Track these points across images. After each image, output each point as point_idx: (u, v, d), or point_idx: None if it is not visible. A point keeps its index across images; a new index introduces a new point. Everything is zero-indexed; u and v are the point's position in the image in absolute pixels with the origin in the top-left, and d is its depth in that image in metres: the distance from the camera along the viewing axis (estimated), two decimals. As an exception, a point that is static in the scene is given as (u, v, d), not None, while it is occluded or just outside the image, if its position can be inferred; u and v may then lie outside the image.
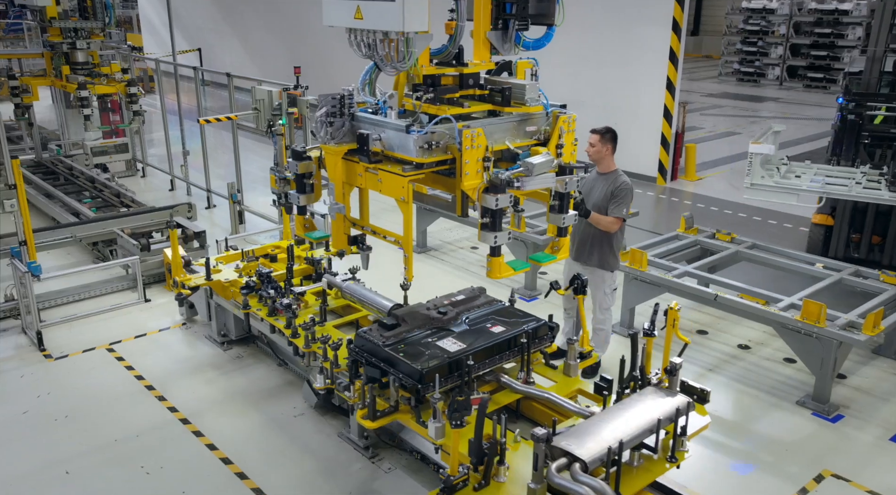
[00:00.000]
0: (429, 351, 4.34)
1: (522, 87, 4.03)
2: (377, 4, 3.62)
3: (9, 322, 6.95)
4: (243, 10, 20.85)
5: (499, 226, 3.79)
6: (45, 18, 9.44)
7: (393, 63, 3.85)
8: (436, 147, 3.76)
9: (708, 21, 29.51)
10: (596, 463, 3.42)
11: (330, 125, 4.02)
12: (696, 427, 3.94)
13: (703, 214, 10.37)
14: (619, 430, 3.59)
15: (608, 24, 11.87)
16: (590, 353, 4.89)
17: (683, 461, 3.81)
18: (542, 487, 3.42)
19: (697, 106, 18.72)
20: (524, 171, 3.81)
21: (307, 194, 4.43)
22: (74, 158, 11.30)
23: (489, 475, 3.64)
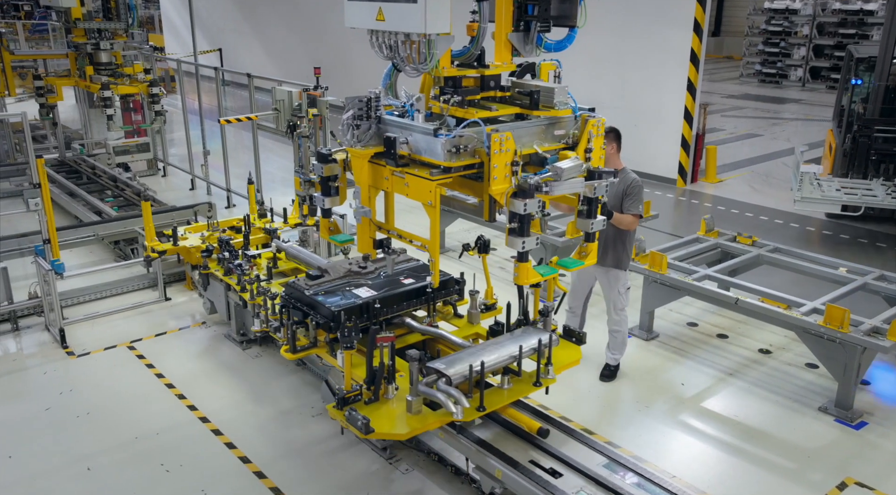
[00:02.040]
0: (344, 296, 4.86)
1: (551, 90, 3.98)
2: (399, 6, 3.61)
3: (32, 319, 7.03)
4: (264, 11, 20.98)
5: (527, 231, 3.77)
6: (70, 19, 9.56)
7: (414, 65, 3.83)
8: (464, 151, 3.73)
9: (729, 22, 29.23)
10: (459, 379, 4.03)
11: (356, 128, 4.00)
12: (564, 362, 4.57)
13: (723, 217, 10.27)
14: (486, 356, 4.17)
15: (628, 26, 11.80)
16: (494, 305, 5.14)
17: (549, 385, 4.39)
18: (418, 400, 4.06)
19: (718, 107, 18.56)
20: (553, 176, 3.78)
21: (332, 197, 4.42)
22: (97, 157, 11.42)
23: (378, 392, 4.17)
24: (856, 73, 9.99)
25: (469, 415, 4.06)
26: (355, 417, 3.97)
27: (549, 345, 4.35)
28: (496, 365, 4.22)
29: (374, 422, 3.99)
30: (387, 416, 4.11)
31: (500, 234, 8.97)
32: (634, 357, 6.56)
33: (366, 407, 4.12)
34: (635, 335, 6.89)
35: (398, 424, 4.05)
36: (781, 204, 11.13)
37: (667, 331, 6.96)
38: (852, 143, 9.52)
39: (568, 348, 4.71)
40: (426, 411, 4.15)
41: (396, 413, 4.14)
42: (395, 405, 4.19)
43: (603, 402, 5.86)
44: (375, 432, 3.96)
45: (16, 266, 7.46)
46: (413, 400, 4.07)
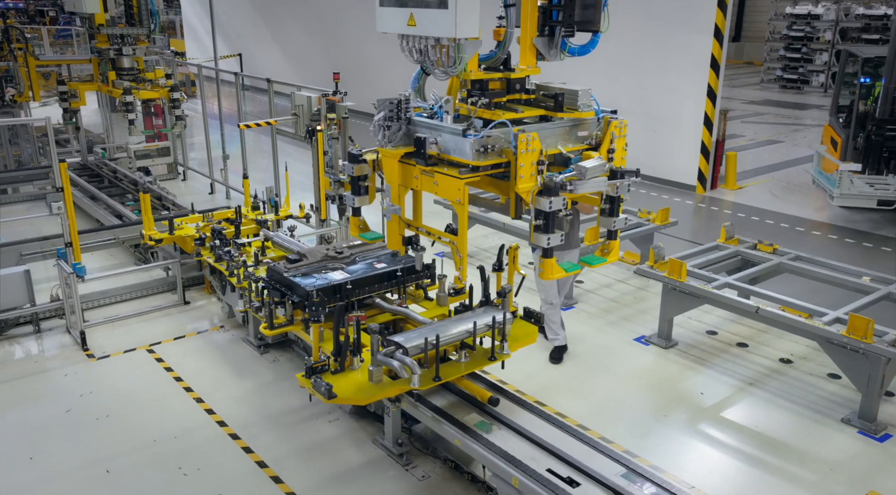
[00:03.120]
0: (319, 278, 5.24)
1: (575, 92, 4.12)
2: (430, 12, 3.75)
3: (54, 321, 7.11)
4: (284, 17, 21.13)
5: (552, 228, 3.89)
6: (94, 25, 9.66)
7: (444, 68, 3.96)
8: (491, 150, 3.86)
9: (750, 27, 29.02)
10: (416, 351, 4.38)
11: (387, 129, 4.14)
12: (522, 339, 4.88)
13: (743, 224, 10.18)
14: (443, 331, 4.52)
15: (649, 31, 11.74)
16: (462, 289, 5.33)
17: (504, 360, 4.70)
18: (378, 370, 4.37)
19: (738, 113, 18.41)
20: (577, 175, 3.91)
21: (362, 196, 4.54)
22: (118, 161, 11.54)
23: (344, 363, 4.49)
24: (864, 73, 10.56)
25: (425, 384, 4.41)
26: (320, 384, 4.28)
27: (503, 322, 4.62)
28: (451, 338, 4.56)
29: (337, 389, 4.30)
30: (350, 384, 4.43)
31: (518, 240, 8.96)
32: (653, 365, 6.51)
33: (332, 376, 4.44)
34: (654, 343, 6.84)
35: (359, 391, 4.40)
36: (803, 211, 11.01)
37: (686, 340, 6.90)
38: (866, 142, 10.07)
39: (526, 328, 4.99)
40: (387, 380, 4.44)
41: (359, 381, 4.45)
42: (360, 375, 4.50)
43: (621, 411, 5.81)
44: (338, 397, 4.29)
45: (38, 269, 7.54)
46: (374, 370, 4.37)
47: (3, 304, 6.70)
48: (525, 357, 6.58)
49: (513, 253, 4.87)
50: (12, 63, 10.93)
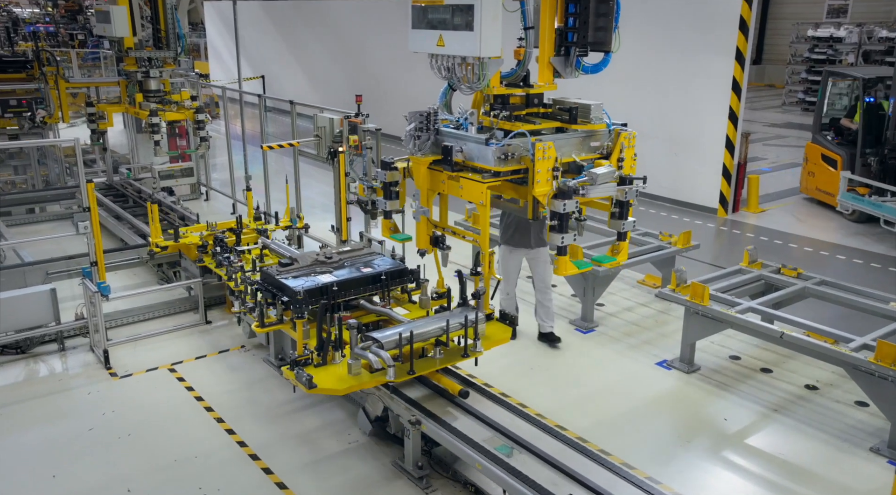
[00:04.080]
0: (308, 280, 5.58)
1: (588, 106, 4.50)
2: (457, 34, 4.17)
3: (78, 339, 7.18)
4: (306, 40, 21.44)
5: (566, 228, 4.25)
6: (123, 48, 9.85)
7: (469, 84, 4.37)
8: (511, 158, 4.26)
9: (771, 50, 28.97)
10: (391, 345, 4.75)
11: (417, 138, 4.56)
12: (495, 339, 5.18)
13: (766, 248, 10.08)
14: (417, 328, 4.90)
15: (670, 54, 11.77)
16: (444, 294, 5.64)
17: (476, 357, 5.04)
18: (357, 363, 4.72)
19: (760, 136, 18.31)
20: (589, 181, 4.27)
21: (393, 200, 4.95)
22: (143, 181, 11.71)
23: (326, 357, 4.85)
24: (866, 93, 11.27)
25: (400, 377, 4.78)
26: (301, 374, 4.67)
27: (475, 321, 4.96)
28: (424, 335, 4.92)
29: (318, 380, 4.66)
30: (330, 376, 4.78)
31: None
32: (675, 390, 6.44)
33: (315, 369, 4.80)
34: (676, 367, 6.76)
35: (338, 381, 4.74)
36: (826, 235, 10.89)
37: (708, 364, 6.82)
38: (880, 165, 10.74)
39: (500, 328, 5.32)
40: (365, 374, 4.77)
41: (339, 374, 4.79)
42: (340, 368, 4.84)
43: (643, 436, 5.74)
44: (318, 388, 4.64)
45: (63, 287, 7.64)
46: (353, 363, 4.73)
47: (29, 322, 6.79)
48: (545, 382, 6.55)
49: (488, 258, 5.17)
50: (43, 86, 11.17)
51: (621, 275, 8.43)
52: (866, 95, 11.17)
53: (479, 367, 6.54)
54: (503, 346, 6.85)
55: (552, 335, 7.26)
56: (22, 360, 6.82)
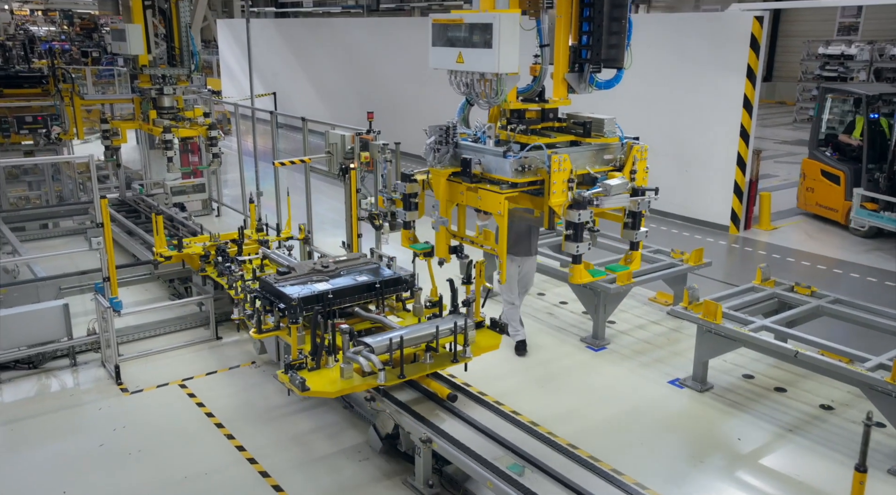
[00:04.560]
0: (304, 288, 5.71)
1: (601, 121, 4.66)
2: (476, 51, 4.33)
3: (89, 355, 7.20)
4: (318, 57, 21.61)
5: (580, 237, 4.38)
6: (137, 66, 9.96)
7: (487, 99, 4.51)
8: (528, 170, 4.42)
9: (781, 67, 28.96)
10: (382, 350, 4.96)
11: (437, 151, 4.69)
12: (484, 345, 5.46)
13: (778, 266, 10.02)
14: (408, 334, 5.10)
15: (681, 71, 11.78)
16: (437, 302, 5.86)
17: (465, 363, 5.29)
18: (348, 367, 4.92)
19: (771, 153, 18.26)
20: (603, 192, 4.40)
21: (412, 211, 5.10)
22: (155, 197, 11.77)
23: (319, 361, 5.06)
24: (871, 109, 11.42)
25: (391, 381, 5.01)
26: (295, 377, 4.89)
27: (464, 328, 5.21)
28: (414, 340, 5.14)
29: (311, 383, 4.86)
30: (323, 379, 4.96)
31: (549, 279, 8.93)
32: (688, 409, 6.38)
33: (308, 372, 5.00)
34: (688, 386, 6.71)
35: (330, 384, 4.94)
36: (840, 253, 10.81)
37: (721, 383, 6.76)
38: (888, 181, 10.89)
39: (490, 335, 5.56)
40: (357, 377, 4.96)
41: (331, 377, 4.98)
42: (333, 372, 5.03)
43: (655, 455, 5.68)
44: (311, 390, 4.85)
45: (75, 302, 7.66)
46: (345, 367, 4.95)
47: (42, 337, 6.82)
48: (556, 400, 6.50)
49: (479, 267, 5.40)
50: (59, 102, 11.29)
51: (632, 293, 8.39)
52: (870, 112, 11.34)
53: (489, 384, 6.54)
54: (516, 363, 6.83)
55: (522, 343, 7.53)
56: (34, 375, 6.84)
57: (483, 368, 6.98)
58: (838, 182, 11.70)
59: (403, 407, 5.22)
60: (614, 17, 4.50)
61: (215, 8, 31.88)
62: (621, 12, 4.50)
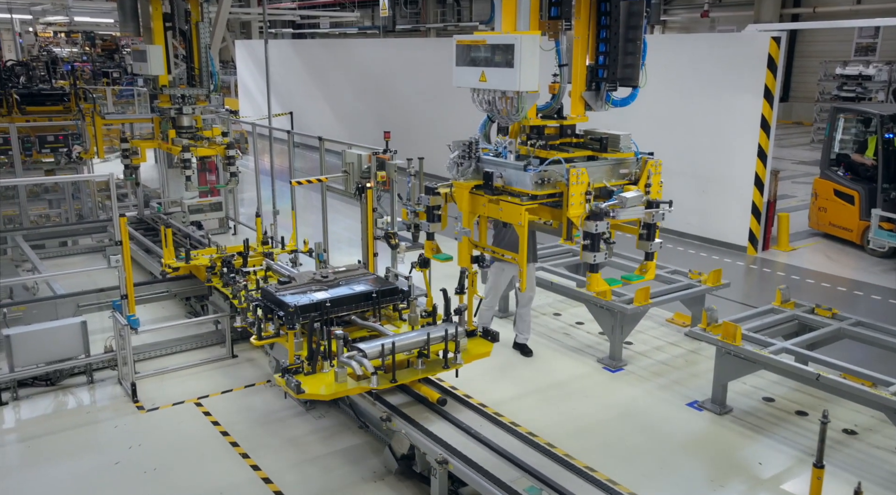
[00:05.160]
0: (303, 297, 5.93)
1: (617, 136, 4.86)
2: (499, 70, 4.54)
3: (106, 372, 7.22)
4: (334, 77, 21.81)
5: (597, 247, 4.55)
6: (157, 86, 10.08)
7: (508, 115, 4.69)
8: (547, 183, 4.61)
9: (798, 88, 28.88)
10: (374, 355, 5.15)
11: (460, 165, 4.92)
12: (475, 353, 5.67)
13: (798, 287, 9.91)
14: (400, 341, 5.30)
15: (698, 91, 11.77)
16: (432, 312, 5.97)
17: (456, 369, 5.49)
18: (342, 372, 5.13)
19: (789, 173, 18.16)
20: (619, 204, 4.57)
21: (435, 223, 5.28)
22: (172, 216, 11.87)
23: (315, 366, 5.32)
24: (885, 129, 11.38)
25: (383, 385, 5.23)
26: (290, 380, 5.15)
27: (455, 335, 5.40)
28: (405, 346, 5.33)
29: (306, 386, 5.14)
30: (318, 382, 5.21)
31: (565, 300, 8.87)
32: (707, 432, 6.28)
33: (304, 377, 5.25)
34: (707, 408, 6.62)
35: (323, 388, 5.17)
36: (860, 274, 10.68)
37: (741, 406, 6.66)
38: None
39: (481, 343, 5.78)
40: (350, 381, 5.17)
41: (326, 381, 5.22)
42: (328, 377, 5.25)
43: (674, 479, 5.59)
44: (305, 393, 5.10)
45: (93, 319, 7.71)
46: (339, 371, 5.15)
47: (60, 354, 6.85)
48: (572, 421, 6.43)
49: (471, 277, 5.61)
50: (80, 122, 11.45)
51: (650, 314, 8.32)
52: (885, 131, 11.31)
53: (505, 404, 6.49)
54: (533, 384, 6.79)
55: (525, 347, 7.87)
56: (51, 392, 6.87)
57: (500, 388, 6.95)
58: (852, 202, 11.62)
59: (417, 426, 5.19)
60: (629, 38, 4.70)
61: (233, 29, 32.36)
62: (636, 33, 4.70)
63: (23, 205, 11.66)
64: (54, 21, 27.27)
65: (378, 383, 5.15)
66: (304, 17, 38.40)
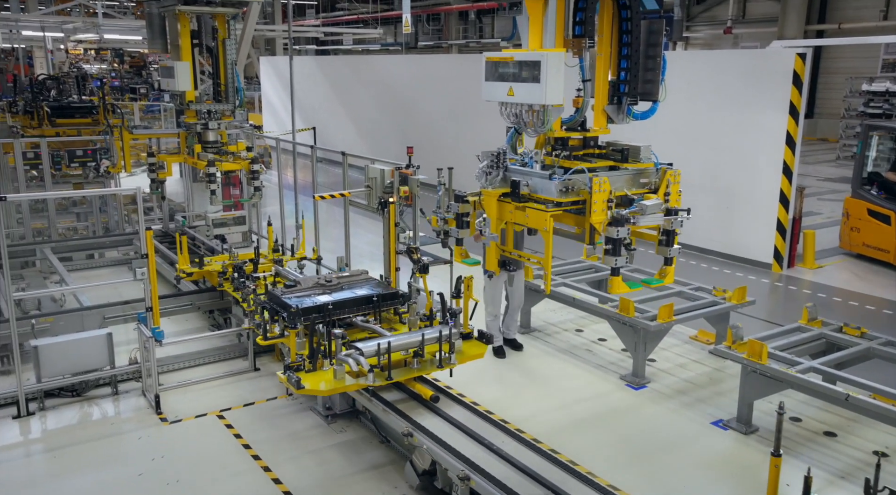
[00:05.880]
0: (307, 300, 6.28)
1: (638, 148, 5.12)
2: (526, 85, 4.83)
3: (131, 383, 7.28)
4: (358, 93, 22.00)
5: (619, 251, 4.78)
6: (184, 102, 10.24)
7: (535, 127, 4.96)
8: (571, 191, 4.88)
9: (823, 104, 28.62)
10: (371, 353, 5.44)
11: (488, 174, 5.20)
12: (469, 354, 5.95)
13: (824, 305, 9.76)
14: (396, 341, 5.62)
15: (722, 107, 11.71)
16: (430, 315, 6.28)
17: (449, 368, 5.77)
18: (341, 369, 5.40)
19: (814, 190, 17.94)
20: (639, 211, 4.83)
21: (464, 229, 5.61)
22: (197, 229, 12.00)
23: (315, 364, 5.60)
24: None
25: (379, 382, 5.48)
26: (291, 377, 5.44)
27: (449, 337, 5.67)
28: (400, 346, 5.63)
29: (305, 381, 5.41)
30: (317, 379, 5.50)
31: (587, 316, 8.82)
32: (732, 451, 6.19)
33: (305, 374, 5.52)
34: (732, 427, 6.52)
35: (323, 384, 5.46)
36: (890, 293, 10.50)
37: (767, 425, 6.55)
38: None
39: (476, 345, 6.05)
40: (348, 378, 5.45)
41: (325, 378, 5.51)
42: (327, 374, 5.54)
43: (700, 500, 5.51)
44: (305, 388, 5.38)
45: (118, 331, 7.78)
46: (337, 369, 5.44)
47: (86, 366, 6.93)
48: (595, 439, 6.37)
49: (467, 282, 5.98)
50: (108, 137, 11.64)
51: (673, 331, 8.23)
52: None
53: (529, 421, 6.45)
54: (556, 400, 6.75)
55: (515, 341, 8.26)
56: (76, 403, 6.94)
57: (522, 404, 6.91)
58: (888, 221, 11.35)
59: (440, 443, 5.16)
60: (650, 55, 5.00)
61: (258, 46, 32.79)
62: (656, 50, 4.99)
63: (51, 218, 11.86)
64: (84, 39, 27.87)
65: (375, 380, 5.41)
66: (327, 33, 38.85)
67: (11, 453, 6.14)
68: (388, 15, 38.66)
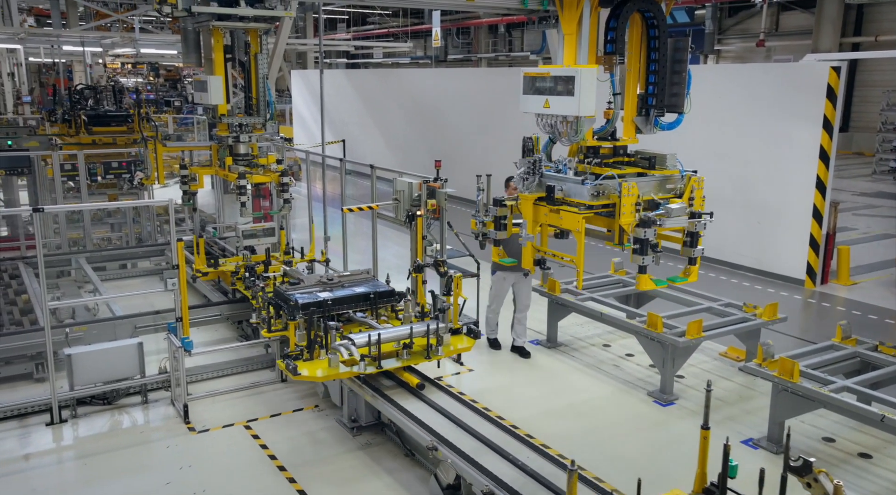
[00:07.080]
0: (309, 296, 6.73)
1: (664, 156, 5.47)
2: (561, 98, 5.24)
3: (160, 393, 7.38)
4: (387, 106, 22.16)
5: (646, 251, 5.10)
6: (216, 115, 10.40)
7: (569, 137, 5.37)
8: (602, 195, 5.23)
9: (859, 117, 28.13)
10: (363, 345, 6.02)
11: (525, 180, 5.59)
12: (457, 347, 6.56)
13: (859, 323, 9.55)
14: (385, 333, 6.21)
15: (753, 121, 11.57)
16: (424, 312, 6.82)
17: (437, 359, 6.37)
18: (335, 358, 5.94)
19: (849, 205, 17.61)
20: (665, 214, 5.18)
21: (502, 231, 6.00)
22: (227, 240, 12.15)
23: (313, 353, 6.16)
24: None
25: (370, 370, 6.02)
26: (289, 364, 6.02)
27: (436, 330, 6.26)
28: (390, 338, 6.18)
29: (302, 368, 5.96)
30: (314, 367, 6.02)
31: (615, 331, 8.74)
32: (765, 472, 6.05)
33: (303, 362, 6.08)
34: (763, 447, 6.40)
35: (319, 371, 5.98)
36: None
37: (799, 446, 6.42)
38: None
39: (464, 340, 6.60)
40: (342, 367, 5.94)
41: (321, 366, 6.03)
42: (323, 363, 6.04)
43: (729, 521, 5.38)
44: (302, 375, 5.93)
45: (148, 341, 7.90)
46: (332, 357, 5.96)
47: (117, 374, 7.04)
48: (621, 455, 6.29)
49: (456, 281, 6.58)
50: (143, 150, 11.88)
51: (702, 347, 8.12)
52: None
53: (555, 437, 6.39)
54: (581, 417, 6.70)
55: (523, 349, 8.52)
56: (107, 411, 7.05)
57: (551, 421, 6.85)
58: None
59: (464, 456, 5.14)
60: (676, 71, 5.41)
61: (290, 59, 33.26)
62: (681, 66, 5.40)
63: (87, 229, 12.10)
64: (122, 53, 28.51)
65: (366, 368, 5.95)
66: (358, 47, 39.30)
67: (44, 459, 6.25)
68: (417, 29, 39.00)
